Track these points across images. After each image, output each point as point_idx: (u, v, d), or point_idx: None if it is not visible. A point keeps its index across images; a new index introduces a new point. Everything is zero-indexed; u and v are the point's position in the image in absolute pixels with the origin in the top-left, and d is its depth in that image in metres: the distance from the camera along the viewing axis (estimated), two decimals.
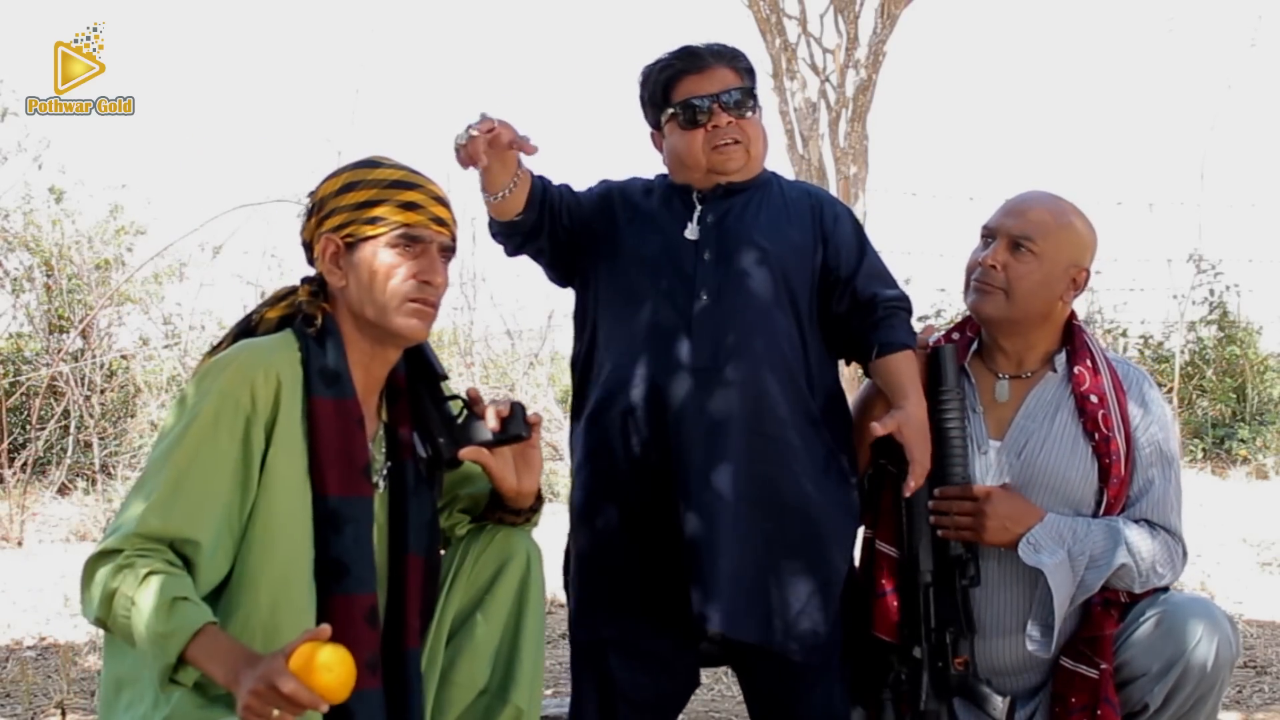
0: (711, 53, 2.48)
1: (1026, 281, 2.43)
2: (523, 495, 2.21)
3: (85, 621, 4.45)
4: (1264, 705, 3.50)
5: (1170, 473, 2.46)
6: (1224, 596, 4.53)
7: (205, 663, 1.81)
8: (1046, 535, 2.36)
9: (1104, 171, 15.09)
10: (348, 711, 1.93)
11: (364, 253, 2.06)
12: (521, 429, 2.16)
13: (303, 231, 2.14)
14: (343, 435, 2.00)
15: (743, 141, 2.47)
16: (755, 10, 8.14)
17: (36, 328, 8.13)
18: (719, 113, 2.45)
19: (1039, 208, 2.46)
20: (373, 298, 2.05)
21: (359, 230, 2.06)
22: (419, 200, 2.08)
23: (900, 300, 2.49)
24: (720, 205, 2.48)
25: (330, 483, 1.98)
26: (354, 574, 1.98)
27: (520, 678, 2.17)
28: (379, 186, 2.07)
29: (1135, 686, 2.34)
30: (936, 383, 2.44)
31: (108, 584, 1.86)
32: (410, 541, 2.10)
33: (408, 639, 2.08)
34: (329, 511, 1.98)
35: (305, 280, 2.13)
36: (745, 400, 2.37)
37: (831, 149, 8.19)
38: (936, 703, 2.40)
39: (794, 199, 2.54)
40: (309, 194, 2.15)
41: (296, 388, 1.99)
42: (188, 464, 1.92)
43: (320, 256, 2.08)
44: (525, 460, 2.20)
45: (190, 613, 1.83)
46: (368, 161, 2.12)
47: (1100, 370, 2.47)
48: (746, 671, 2.53)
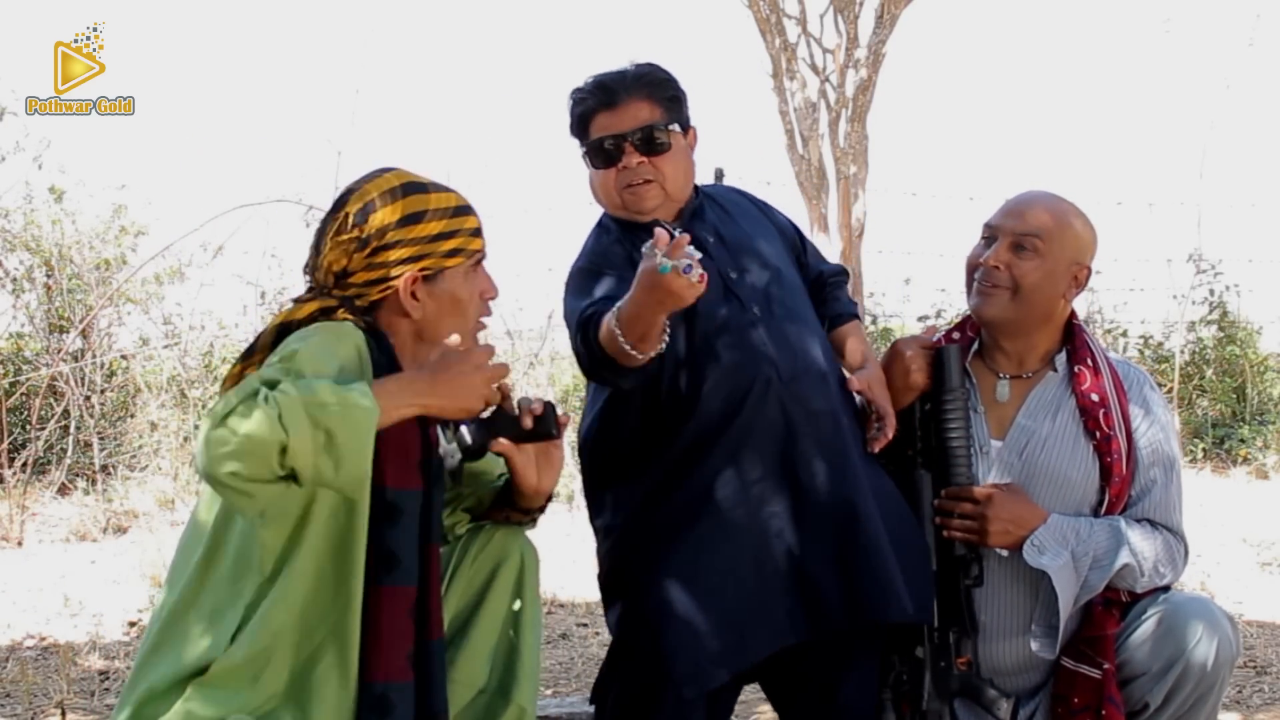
0: (625, 86, 2.42)
1: (1030, 280, 2.43)
2: (540, 494, 2.22)
3: (85, 621, 4.50)
4: (1264, 705, 3.50)
5: (1172, 473, 2.47)
6: (1224, 596, 4.53)
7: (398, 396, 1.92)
8: (1050, 537, 2.36)
9: (1104, 171, 15.11)
10: (388, 702, 1.97)
11: (445, 285, 2.09)
12: (552, 427, 2.17)
13: (340, 259, 2.07)
14: (401, 428, 2.00)
15: (656, 180, 2.42)
16: (755, 10, 8.15)
17: (37, 328, 8.13)
18: (630, 152, 2.40)
19: (1039, 206, 2.46)
20: (456, 324, 2.10)
21: (440, 263, 2.08)
22: (479, 225, 2.14)
23: (840, 273, 2.63)
24: (701, 227, 2.45)
25: (390, 474, 2.00)
26: (404, 566, 2.01)
27: (522, 677, 2.18)
28: (446, 216, 2.09)
29: (1135, 685, 2.34)
30: (941, 383, 2.45)
31: (267, 411, 1.80)
32: (434, 532, 2.12)
33: (432, 629, 2.09)
34: (387, 503, 2.00)
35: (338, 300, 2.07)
36: (830, 397, 2.39)
37: (831, 149, 8.20)
38: (938, 703, 2.40)
39: (739, 204, 2.58)
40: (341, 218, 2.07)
41: (367, 372, 2.00)
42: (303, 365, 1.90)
43: (402, 291, 2.05)
44: (548, 458, 2.21)
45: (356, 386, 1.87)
46: (416, 185, 2.10)
47: (1101, 370, 2.47)
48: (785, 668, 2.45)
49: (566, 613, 4.73)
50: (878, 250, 8.97)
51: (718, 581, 2.30)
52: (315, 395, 1.82)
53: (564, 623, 4.56)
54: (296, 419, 1.80)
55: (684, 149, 2.47)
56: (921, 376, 2.46)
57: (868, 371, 2.47)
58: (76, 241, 8.13)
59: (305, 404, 1.81)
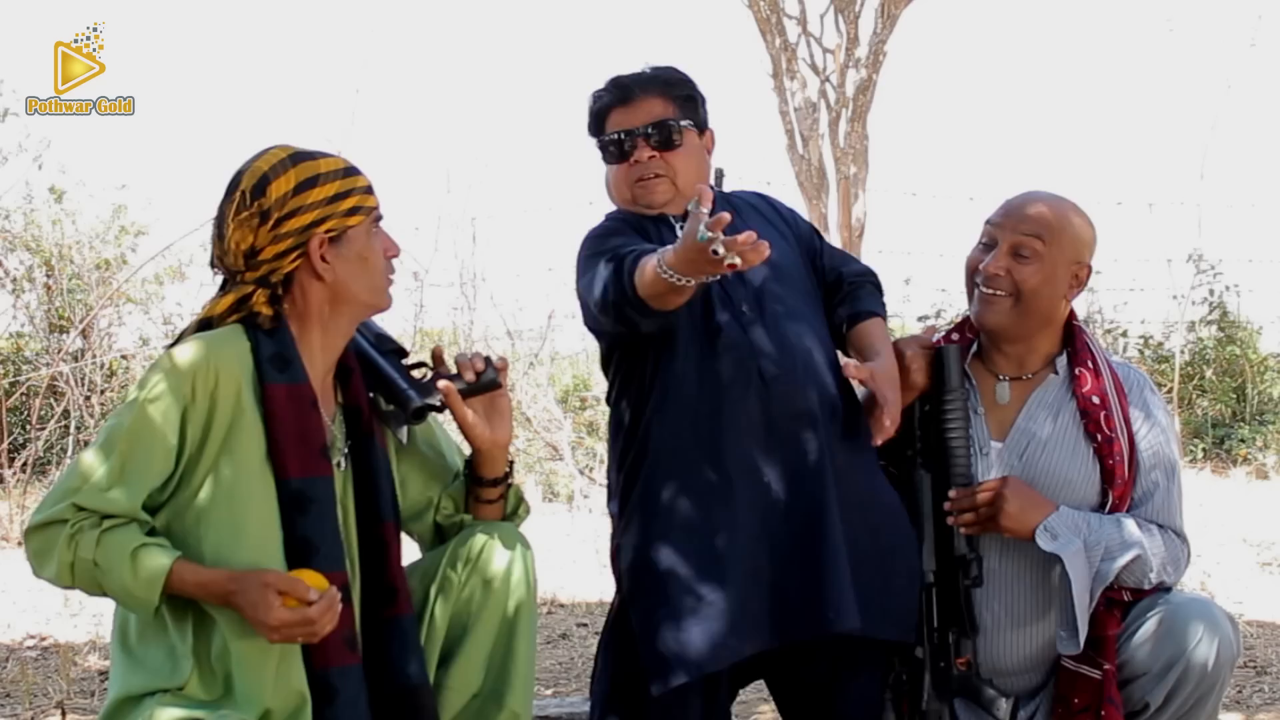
0: (641, 83, 2.46)
1: (1031, 284, 2.42)
2: (497, 445, 2.23)
3: (85, 621, 4.49)
4: (1264, 705, 3.50)
5: (1173, 476, 2.46)
6: (1224, 596, 4.53)
7: (192, 589, 1.98)
8: (1063, 524, 2.36)
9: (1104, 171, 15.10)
10: (332, 688, 2.02)
11: (351, 244, 2.12)
12: (493, 375, 2.20)
13: (246, 237, 2.08)
14: (298, 418, 2.06)
15: (666, 175, 2.45)
16: (755, 10, 8.15)
17: (37, 328, 8.13)
18: (642, 146, 2.44)
19: (1037, 209, 2.46)
20: (368, 282, 2.14)
21: (343, 223, 2.11)
22: (369, 184, 2.16)
23: (866, 274, 2.56)
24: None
25: (290, 465, 2.04)
26: (324, 552, 2.04)
27: (515, 681, 2.18)
28: (339, 177, 2.12)
29: (1136, 686, 2.34)
30: (940, 384, 2.44)
31: (63, 555, 1.98)
32: (385, 510, 2.15)
33: (399, 606, 2.12)
34: (293, 493, 2.04)
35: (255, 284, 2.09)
36: (816, 400, 2.38)
37: (831, 149, 8.21)
38: (938, 703, 2.39)
39: (753, 204, 2.57)
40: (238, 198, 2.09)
41: (247, 377, 2.05)
42: (129, 449, 2.00)
43: (312, 255, 2.08)
44: (496, 409, 2.24)
45: (155, 556, 1.97)
46: (303, 154, 2.12)
47: (1102, 372, 2.47)
48: (787, 671, 2.47)
49: (566, 613, 4.73)
50: (878, 250, 8.96)
51: (689, 583, 2.31)
52: (103, 571, 1.97)
53: (564, 623, 4.56)
54: (84, 579, 2.00)
55: (698, 148, 2.50)
56: (921, 377, 2.46)
57: (876, 363, 2.41)
58: (76, 241, 8.13)
59: (94, 574, 1.98)
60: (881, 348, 2.45)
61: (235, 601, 1.95)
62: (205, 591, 1.97)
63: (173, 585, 1.97)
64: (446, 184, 9.21)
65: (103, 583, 1.98)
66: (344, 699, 2.03)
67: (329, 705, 2.03)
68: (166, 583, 1.96)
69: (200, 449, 2.02)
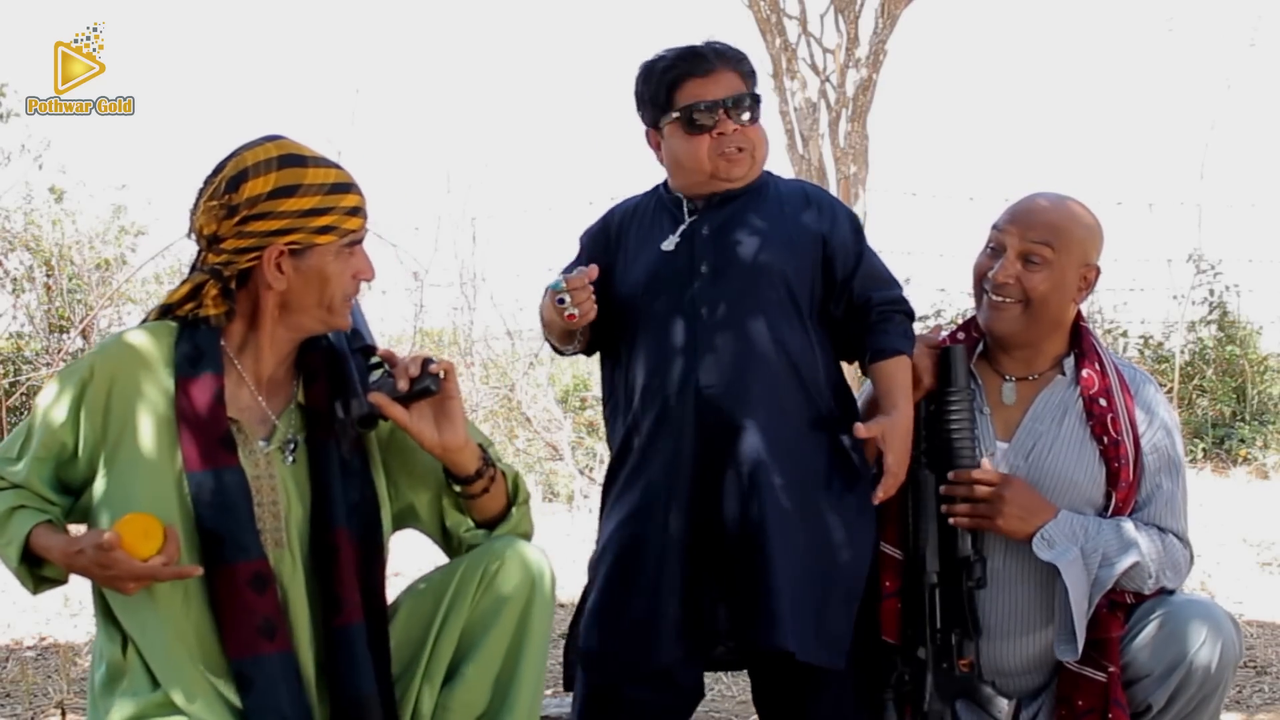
0: (716, 54, 2.42)
1: (1041, 291, 2.42)
2: (448, 450, 2.17)
3: (85, 621, 4.49)
4: (1264, 705, 3.50)
5: (1178, 479, 2.46)
6: (1224, 596, 4.53)
7: (55, 558, 2.02)
8: (1060, 532, 2.36)
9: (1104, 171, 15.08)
10: (246, 678, 2.02)
11: (313, 261, 2.08)
12: (430, 383, 2.16)
13: (210, 223, 2.07)
14: (200, 409, 2.06)
15: (747, 149, 2.42)
16: (755, 10, 8.15)
17: (37, 328, 8.13)
18: (725, 120, 2.40)
19: (1045, 214, 2.45)
20: (320, 299, 2.11)
21: (308, 239, 2.07)
22: (359, 204, 2.11)
23: (896, 302, 2.45)
24: (715, 215, 2.44)
25: (190, 458, 2.05)
26: (230, 542, 2.04)
27: (517, 705, 2.14)
28: (321, 192, 2.07)
29: (1139, 687, 2.34)
30: (946, 383, 2.44)
31: None
32: (337, 516, 2.12)
33: (344, 614, 2.09)
34: (195, 484, 2.04)
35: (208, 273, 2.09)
36: (761, 417, 2.35)
37: (831, 149, 8.19)
38: (940, 704, 2.39)
39: (790, 201, 2.48)
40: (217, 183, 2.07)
41: (160, 372, 2.07)
42: (35, 423, 2.09)
43: (266, 263, 2.06)
44: (445, 413, 2.18)
45: (23, 519, 2.03)
46: (294, 158, 2.08)
47: (1108, 374, 2.46)
48: (758, 675, 2.52)
49: (566, 613, 4.71)
50: (878, 250, 8.94)
51: (617, 591, 2.41)
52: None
53: (563, 623, 4.53)
54: None
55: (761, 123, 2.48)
56: (928, 376, 2.45)
57: (888, 419, 2.34)
58: (76, 241, 8.13)
59: None
60: (899, 398, 2.37)
61: (79, 565, 2.00)
62: (62, 558, 2.01)
63: (35, 548, 2.02)
64: (446, 184, 9.18)
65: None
66: (259, 688, 2.02)
67: (246, 695, 2.02)
68: (27, 544, 2.01)
69: (100, 435, 2.06)
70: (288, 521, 2.12)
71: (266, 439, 2.14)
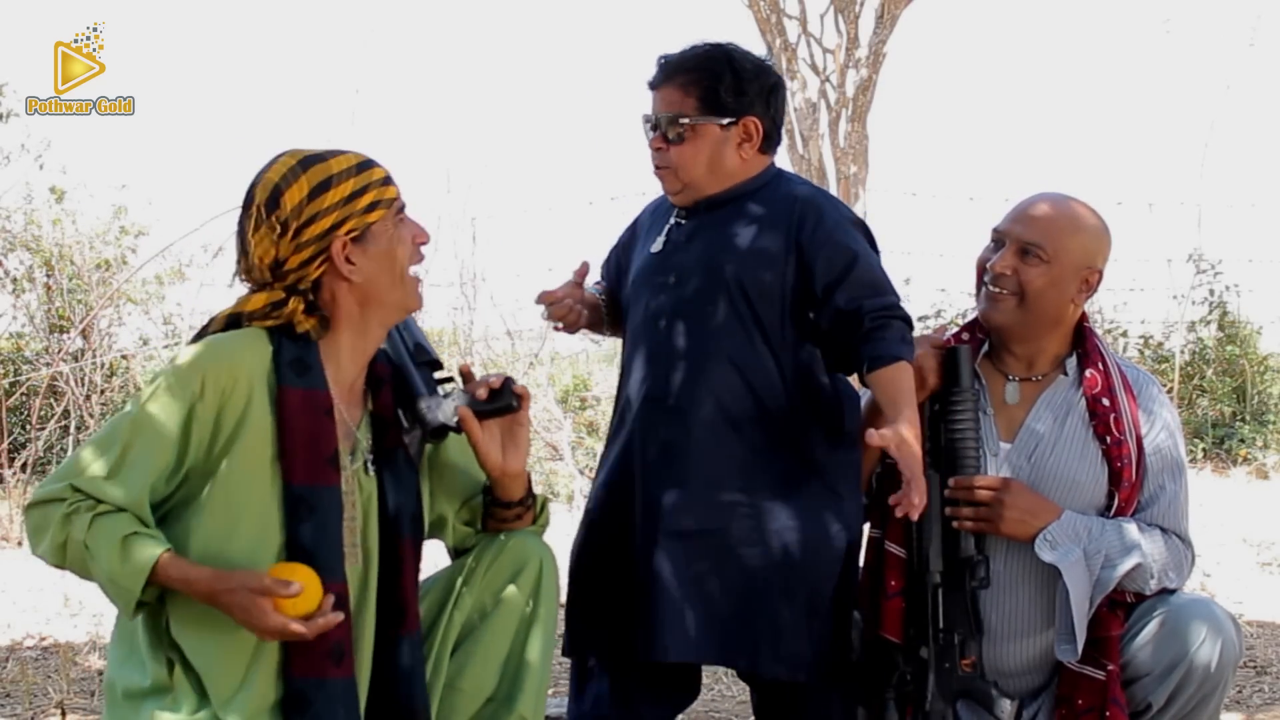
0: (662, 67, 2.41)
1: (1036, 286, 2.41)
2: (508, 475, 2.19)
3: (85, 621, 4.48)
4: (1264, 705, 3.50)
5: (1180, 480, 2.46)
6: (1224, 596, 4.53)
7: (177, 585, 1.95)
8: (1062, 533, 2.36)
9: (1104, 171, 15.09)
10: (305, 699, 1.99)
11: (376, 240, 2.08)
12: (510, 399, 2.15)
13: (268, 251, 2.06)
14: (311, 424, 2.03)
15: (668, 169, 2.40)
16: (755, 10, 8.15)
17: (37, 328, 8.13)
18: (654, 137, 2.42)
19: (1047, 211, 2.45)
20: (394, 277, 2.10)
21: (362, 221, 2.07)
22: (387, 173, 2.13)
23: (889, 309, 2.33)
24: (693, 222, 2.44)
25: (296, 471, 2.02)
26: (320, 561, 2.00)
27: (527, 687, 2.17)
28: (352, 175, 2.08)
29: (1138, 686, 2.34)
30: (951, 383, 2.43)
31: (56, 534, 1.98)
32: (404, 527, 2.12)
33: (406, 624, 2.10)
34: (295, 499, 2.02)
35: (287, 292, 2.07)
36: (699, 429, 2.34)
37: (831, 149, 8.20)
38: (942, 704, 2.39)
39: (776, 208, 2.39)
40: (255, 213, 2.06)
41: (263, 380, 2.03)
42: (130, 440, 1.99)
43: (336, 259, 2.05)
44: (512, 438, 2.19)
45: (146, 545, 1.95)
46: (313, 157, 2.08)
47: (1111, 374, 2.46)
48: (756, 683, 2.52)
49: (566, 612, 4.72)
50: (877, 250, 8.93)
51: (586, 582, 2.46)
52: (92, 554, 1.96)
53: (564, 622, 4.55)
54: (74, 560, 1.99)
55: (713, 141, 2.38)
56: (933, 377, 2.44)
57: (893, 429, 2.22)
58: (77, 241, 8.13)
59: (83, 556, 1.97)
60: (903, 405, 2.25)
61: (222, 602, 1.93)
62: (190, 589, 1.95)
63: (158, 577, 1.94)
64: (446, 184, 9.16)
65: (90, 567, 1.97)
66: (315, 711, 1.99)
67: (299, 715, 1.99)
68: (152, 573, 1.94)
69: (207, 448, 2.01)
70: (363, 535, 2.11)
71: (352, 453, 2.12)
